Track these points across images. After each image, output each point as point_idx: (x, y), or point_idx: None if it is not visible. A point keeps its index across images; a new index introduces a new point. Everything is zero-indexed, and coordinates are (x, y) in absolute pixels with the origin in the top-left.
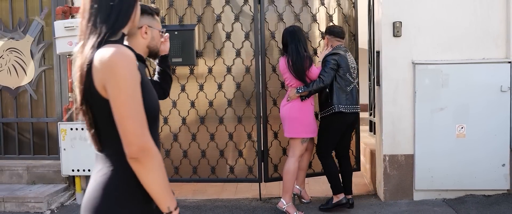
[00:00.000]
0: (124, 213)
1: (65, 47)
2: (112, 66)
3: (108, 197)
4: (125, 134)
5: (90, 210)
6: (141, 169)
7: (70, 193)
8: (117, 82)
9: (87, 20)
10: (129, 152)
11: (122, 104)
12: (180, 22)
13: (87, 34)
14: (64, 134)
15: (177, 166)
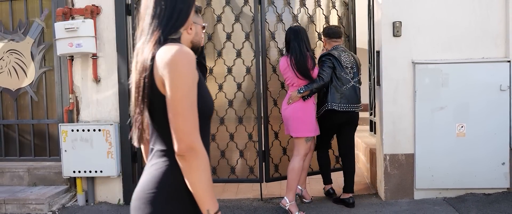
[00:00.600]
0: (177, 207)
1: (66, 48)
2: (173, 64)
3: (162, 190)
4: (176, 130)
5: (143, 202)
6: (186, 166)
7: (71, 195)
8: (175, 79)
9: (151, 18)
10: (177, 148)
11: (177, 102)
12: None
13: (150, 31)
14: (65, 135)
15: None
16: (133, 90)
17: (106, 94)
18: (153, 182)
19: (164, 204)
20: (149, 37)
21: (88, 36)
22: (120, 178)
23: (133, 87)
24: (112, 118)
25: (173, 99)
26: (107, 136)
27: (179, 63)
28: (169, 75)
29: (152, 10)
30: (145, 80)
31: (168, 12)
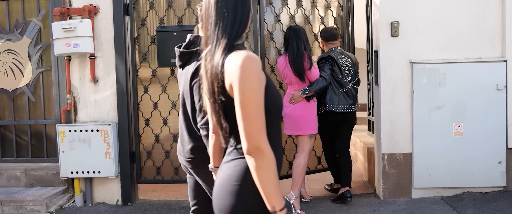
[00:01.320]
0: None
1: (63, 48)
2: (240, 70)
3: (243, 185)
4: (244, 132)
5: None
6: (253, 166)
7: (69, 196)
8: (242, 85)
9: (215, 25)
10: (245, 148)
11: (244, 106)
12: (179, 23)
13: (215, 39)
14: (63, 136)
15: (177, 167)
16: (207, 95)
17: (104, 95)
18: (235, 176)
19: (244, 196)
20: (216, 45)
21: (86, 36)
22: (118, 179)
23: (206, 93)
24: (110, 118)
25: (241, 103)
26: (105, 136)
27: (245, 70)
28: (237, 81)
29: (215, 18)
30: (218, 86)
31: (231, 19)
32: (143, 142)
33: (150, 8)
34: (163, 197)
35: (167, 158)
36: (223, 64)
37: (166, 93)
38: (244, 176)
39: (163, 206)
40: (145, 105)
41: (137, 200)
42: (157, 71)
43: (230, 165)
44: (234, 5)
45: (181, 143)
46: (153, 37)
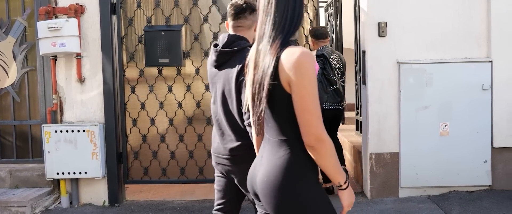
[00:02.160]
0: (304, 189)
1: (49, 48)
2: (299, 65)
3: (289, 176)
4: (305, 125)
5: (272, 188)
6: (316, 155)
7: (54, 197)
8: (303, 80)
9: (274, 23)
10: (307, 141)
11: (304, 99)
12: (167, 22)
13: (272, 35)
14: (48, 137)
15: (164, 167)
16: (251, 88)
17: (91, 95)
18: (279, 170)
19: (297, 185)
20: (272, 41)
21: (72, 35)
22: (105, 179)
23: (251, 86)
24: (97, 118)
25: (301, 97)
26: (92, 137)
27: (304, 64)
28: (297, 75)
29: (274, 16)
30: (270, 80)
31: (290, 17)
32: (130, 142)
33: (138, 8)
34: (150, 197)
35: (155, 158)
36: (278, 59)
37: (153, 93)
38: (288, 168)
39: (151, 206)
40: (132, 106)
41: (124, 201)
42: (144, 71)
43: (272, 159)
44: (293, 4)
45: (221, 141)
46: (141, 37)
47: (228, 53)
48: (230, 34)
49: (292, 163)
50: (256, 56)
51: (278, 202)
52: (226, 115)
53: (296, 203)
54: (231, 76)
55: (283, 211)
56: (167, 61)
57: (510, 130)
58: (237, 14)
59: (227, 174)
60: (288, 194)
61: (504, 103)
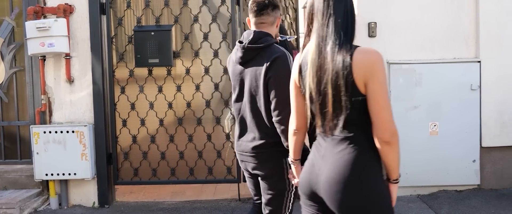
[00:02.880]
0: (372, 183)
1: (37, 48)
2: (376, 64)
3: (358, 171)
4: (382, 121)
5: (342, 183)
6: (389, 149)
7: (43, 198)
8: (378, 78)
9: (336, 23)
10: (384, 136)
11: (381, 97)
12: (157, 22)
13: (338, 37)
14: (37, 138)
15: (155, 168)
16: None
17: (80, 95)
18: (348, 166)
19: (371, 180)
20: (340, 41)
21: (61, 35)
22: (94, 180)
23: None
24: (87, 119)
25: (379, 94)
26: (81, 138)
27: (380, 63)
28: (374, 74)
29: (335, 17)
30: (346, 80)
31: (351, 18)
32: (120, 143)
33: (127, 8)
34: (141, 198)
35: (145, 159)
36: (351, 60)
37: (143, 94)
38: (358, 163)
39: (141, 207)
40: (122, 106)
41: (114, 202)
42: (134, 72)
43: (339, 156)
44: (351, 5)
45: (245, 139)
46: (131, 37)
47: (255, 50)
48: (256, 31)
49: (364, 158)
50: (320, 57)
51: (353, 199)
52: (252, 112)
53: (370, 198)
54: (259, 73)
55: (358, 208)
56: (157, 62)
57: (498, 129)
58: (260, 11)
59: (251, 171)
60: (364, 190)
61: (493, 103)
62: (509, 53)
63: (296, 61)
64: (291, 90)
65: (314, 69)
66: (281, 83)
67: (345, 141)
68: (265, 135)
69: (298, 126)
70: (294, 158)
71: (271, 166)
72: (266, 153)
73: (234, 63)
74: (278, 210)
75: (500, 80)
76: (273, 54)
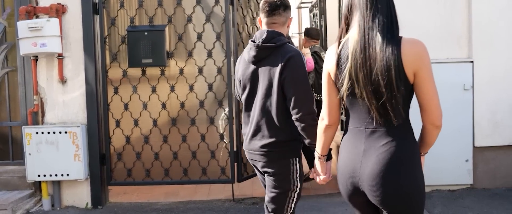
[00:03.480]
0: (419, 173)
1: (29, 48)
2: (425, 53)
3: (406, 161)
4: (435, 108)
5: (393, 175)
6: (437, 132)
7: (36, 199)
8: (427, 66)
9: (381, 14)
10: (437, 121)
11: (432, 84)
12: (150, 22)
13: (383, 26)
14: (29, 138)
15: (148, 169)
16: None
17: (73, 96)
18: (396, 156)
19: (416, 169)
20: (388, 33)
21: (53, 35)
22: (88, 181)
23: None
24: (79, 119)
25: (430, 81)
26: (74, 138)
27: (427, 52)
28: (424, 63)
29: (379, 8)
30: (397, 70)
31: (394, 11)
32: (113, 144)
33: (121, 8)
34: (134, 199)
35: (138, 159)
36: (400, 50)
37: (137, 94)
38: (406, 153)
39: (135, 208)
40: (116, 106)
41: (107, 203)
42: (127, 72)
43: (387, 147)
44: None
45: (254, 137)
46: (124, 37)
47: (269, 49)
48: (269, 30)
49: (409, 149)
50: (368, 48)
51: (404, 189)
52: (263, 111)
53: (417, 188)
54: (273, 72)
55: (406, 197)
56: (150, 62)
57: (490, 129)
58: (271, 11)
59: (260, 169)
60: (413, 180)
61: (485, 103)
62: (501, 53)
63: (332, 54)
64: (324, 84)
65: (361, 61)
66: (298, 82)
67: (390, 133)
68: (275, 134)
69: (330, 121)
70: (322, 154)
71: (278, 165)
72: (275, 152)
73: (246, 63)
74: (280, 209)
75: (493, 81)
76: (287, 53)
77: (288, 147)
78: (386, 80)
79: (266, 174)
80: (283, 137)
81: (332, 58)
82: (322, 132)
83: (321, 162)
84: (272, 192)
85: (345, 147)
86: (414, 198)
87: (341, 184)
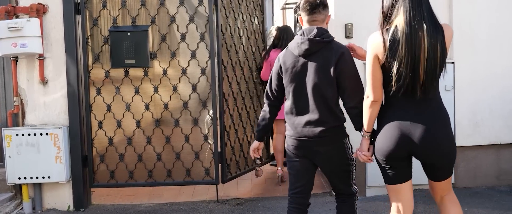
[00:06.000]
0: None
1: (9, 49)
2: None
3: (448, 122)
4: None
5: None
6: None
7: (16, 202)
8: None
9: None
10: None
11: None
12: (133, 23)
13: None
14: (9, 141)
15: (131, 170)
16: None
17: (55, 97)
18: (444, 119)
19: (451, 129)
20: (434, 20)
21: (34, 35)
22: (69, 184)
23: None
24: (61, 121)
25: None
26: (56, 140)
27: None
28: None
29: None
30: (443, 49)
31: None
32: (96, 145)
33: (103, 8)
34: (117, 201)
35: (122, 161)
36: (443, 36)
37: (120, 95)
38: (448, 122)
39: (118, 210)
40: (98, 108)
41: (90, 205)
42: (110, 73)
43: (441, 114)
44: None
45: (313, 125)
46: (106, 38)
47: (321, 43)
48: (318, 27)
49: (447, 113)
50: (417, 33)
51: (451, 146)
52: (316, 100)
53: (454, 142)
54: (326, 66)
55: (452, 152)
56: (133, 63)
57: (471, 129)
58: (312, 9)
59: (310, 155)
60: (453, 137)
61: (466, 104)
62: (481, 55)
63: (379, 40)
64: (370, 65)
65: (411, 45)
66: (352, 75)
67: (433, 102)
68: (332, 120)
69: (376, 97)
70: (367, 130)
71: (337, 146)
72: (332, 136)
73: (294, 56)
74: (347, 183)
75: (473, 82)
76: (339, 49)
77: (340, 129)
78: (433, 60)
79: (323, 158)
80: (338, 121)
81: (380, 43)
82: (368, 108)
83: (365, 140)
84: (335, 173)
85: (391, 116)
86: (455, 150)
87: (386, 146)
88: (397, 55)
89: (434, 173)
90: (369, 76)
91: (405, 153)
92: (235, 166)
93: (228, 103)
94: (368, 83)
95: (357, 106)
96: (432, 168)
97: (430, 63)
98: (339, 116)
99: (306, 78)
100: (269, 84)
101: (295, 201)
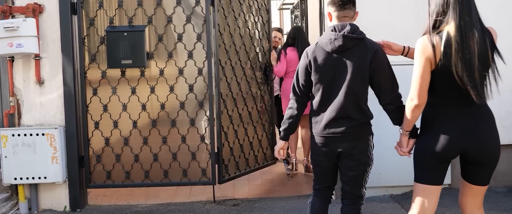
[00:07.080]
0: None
1: (5, 49)
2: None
3: (495, 125)
4: None
5: (496, 137)
6: None
7: (12, 203)
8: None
9: (474, 11)
10: None
11: None
12: (130, 23)
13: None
14: (5, 141)
15: (128, 171)
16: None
17: (51, 97)
18: (494, 122)
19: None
20: (482, 25)
21: (30, 35)
22: (66, 184)
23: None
24: (57, 121)
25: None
26: (52, 140)
27: None
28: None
29: (472, 5)
30: (492, 54)
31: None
32: (92, 146)
33: (100, 8)
34: (114, 201)
35: (118, 161)
36: (492, 40)
37: (116, 95)
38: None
39: (114, 211)
40: (95, 108)
41: (86, 205)
42: (107, 73)
43: (486, 114)
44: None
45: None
46: (103, 38)
47: (355, 40)
48: (351, 23)
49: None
50: (468, 37)
51: (498, 144)
52: (347, 97)
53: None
54: (360, 62)
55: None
56: (130, 63)
57: None
58: (343, 5)
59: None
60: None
61: None
62: None
63: (429, 45)
64: (419, 69)
65: (463, 50)
66: (386, 72)
67: (482, 105)
68: (361, 116)
69: (421, 101)
70: (406, 129)
71: (362, 143)
72: (360, 132)
73: (326, 53)
74: (359, 184)
75: None
76: (373, 46)
77: (367, 125)
78: (484, 65)
79: (346, 155)
80: (365, 118)
81: (429, 48)
82: (410, 111)
83: (404, 137)
84: (353, 170)
85: (444, 120)
86: (499, 152)
87: (441, 145)
88: (451, 61)
89: (478, 173)
90: (418, 79)
91: (457, 153)
92: (234, 166)
93: (226, 104)
94: (414, 86)
95: (393, 102)
96: (478, 166)
97: (482, 68)
98: (367, 113)
99: (339, 75)
100: (296, 80)
101: (320, 193)
